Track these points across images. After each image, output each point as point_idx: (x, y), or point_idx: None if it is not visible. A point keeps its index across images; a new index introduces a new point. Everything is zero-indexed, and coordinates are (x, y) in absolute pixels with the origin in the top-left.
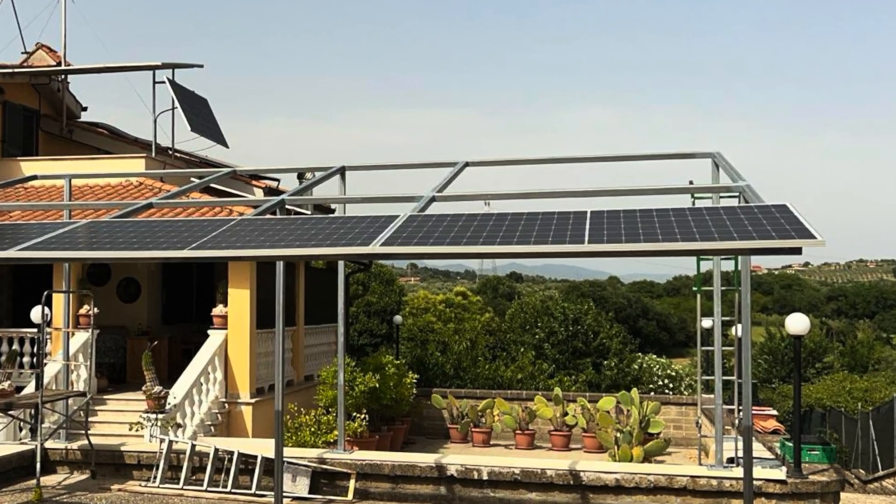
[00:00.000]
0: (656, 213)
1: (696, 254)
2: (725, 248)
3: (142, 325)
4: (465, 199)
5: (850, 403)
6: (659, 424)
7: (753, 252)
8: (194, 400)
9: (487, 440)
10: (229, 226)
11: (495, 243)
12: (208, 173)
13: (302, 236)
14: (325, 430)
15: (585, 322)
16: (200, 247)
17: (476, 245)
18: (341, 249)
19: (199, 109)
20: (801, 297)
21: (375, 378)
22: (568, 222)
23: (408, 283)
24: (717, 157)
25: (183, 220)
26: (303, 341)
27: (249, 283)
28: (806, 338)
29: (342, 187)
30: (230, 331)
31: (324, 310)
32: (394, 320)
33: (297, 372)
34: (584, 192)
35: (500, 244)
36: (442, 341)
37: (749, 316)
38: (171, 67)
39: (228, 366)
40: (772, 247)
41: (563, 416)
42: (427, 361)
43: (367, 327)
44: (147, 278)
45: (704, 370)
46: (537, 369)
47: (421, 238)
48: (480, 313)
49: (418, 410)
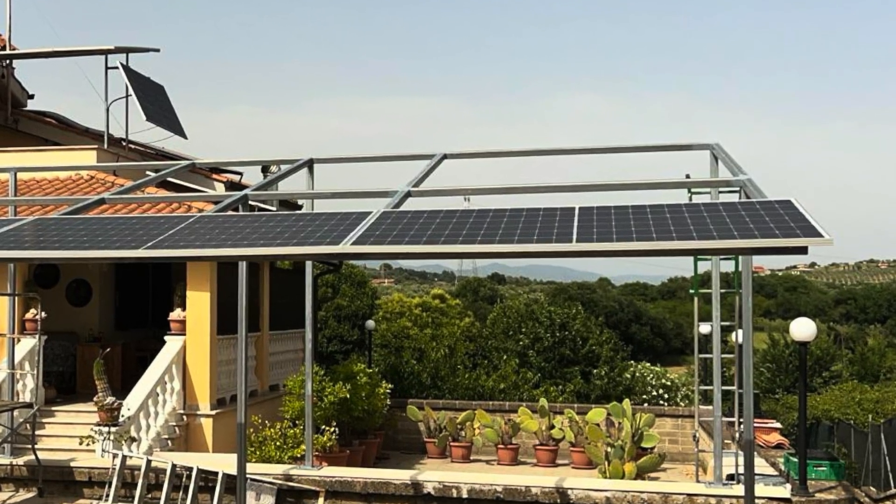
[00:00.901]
0: (650, 209)
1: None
2: (725, 247)
3: (93, 330)
4: (443, 194)
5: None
6: (653, 438)
7: (755, 251)
8: (150, 412)
9: (467, 455)
10: (188, 223)
11: (476, 242)
12: (165, 166)
13: (266, 234)
14: (291, 445)
15: (573, 327)
16: (156, 246)
17: (455, 244)
18: (309, 249)
19: (155, 97)
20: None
21: (346, 388)
22: (554, 219)
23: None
24: (715, 148)
25: (138, 216)
26: (267, 348)
27: (209, 286)
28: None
29: (310, 181)
30: (189, 337)
31: (290, 314)
32: (366, 325)
33: (262, 381)
34: (572, 187)
35: (480, 243)
36: (418, 348)
37: (750, 321)
38: (124, 52)
39: (187, 375)
40: (775, 246)
41: (550, 430)
42: (402, 370)
43: (337, 333)
44: (99, 280)
45: (702, 379)
46: (521, 378)
47: (395, 236)
48: (460, 318)
49: (392, 423)
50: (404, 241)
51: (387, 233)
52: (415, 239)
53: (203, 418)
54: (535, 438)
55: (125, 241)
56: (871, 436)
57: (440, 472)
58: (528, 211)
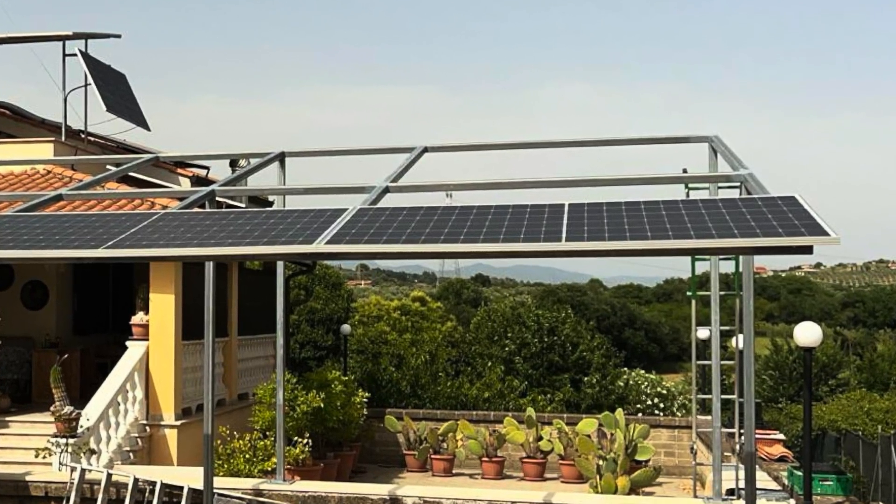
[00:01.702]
0: (645, 205)
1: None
2: (724, 246)
3: (50, 335)
4: (423, 189)
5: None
6: (648, 450)
7: (757, 251)
8: (110, 422)
9: (449, 468)
10: (151, 221)
11: (458, 241)
12: (127, 160)
13: (235, 233)
14: (261, 458)
15: (563, 332)
16: (117, 245)
17: (436, 243)
18: (281, 248)
19: (116, 86)
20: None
21: (320, 397)
22: (543, 217)
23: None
24: (714, 141)
25: (97, 214)
26: (236, 354)
27: (174, 288)
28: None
29: (282, 176)
30: (152, 342)
31: (260, 318)
32: (341, 330)
33: (230, 390)
34: (561, 182)
35: (463, 242)
36: (397, 354)
37: (752, 325)
38: (83, 38)
39: (150, 383)
40: (778, 245)
41: (537, 441)
42: (380, 378)
43: (311, 338)
44: (56, 282)
45: (700, 388)
46: (507, 387)
47: (372, 235)
48: (441, 322)
49: (369, 434)
50: (382, 240)
51: (363, 231)
52: (393, 238)
53: (167, 429)
54: (522, 451)
55: (84, 240)
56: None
57: (420, 487)
58: (514, 208)
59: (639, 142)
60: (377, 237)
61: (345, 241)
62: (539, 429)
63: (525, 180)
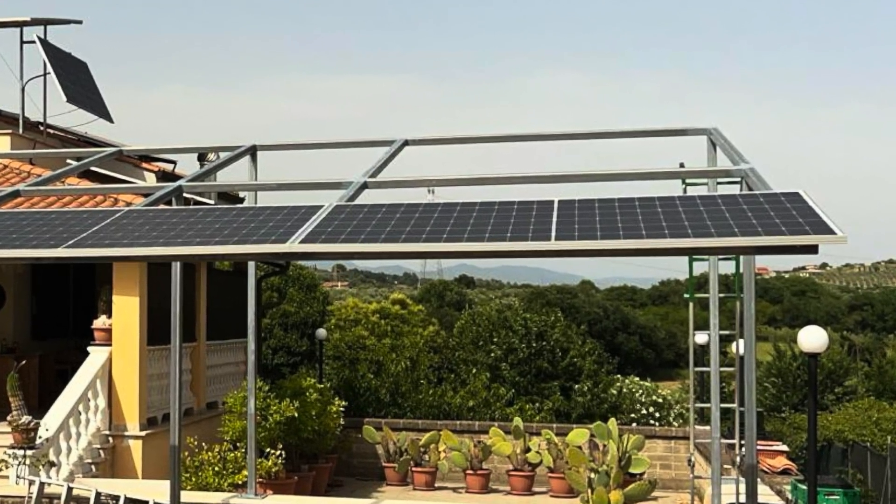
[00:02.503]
0: (639, 202)
1: (688, 253)
2: (724, 245)
3: (7, 340)
4: (404, 185)
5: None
6: (642, 463)
7: (759, 251)
8: (71, 433)
9: (431, 482)
10: (114, 218)
11: (441, 240)
12: (89, 154)
13: (203, 231)
14: (231, 470)
15: (552, 337)
16: (78, 244)
17: (418, 242)
18: (252, 248)
19: (77, 75)
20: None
21: (294, 406)
22: (531, 214)
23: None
24: (713, 133)
25: (57, 211)
26: (205, 360)
27: (139, 290)
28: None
29: (253, 171)
30: (115, 348)
31: (231, 322)
32: (316, 335)
33: (198, 398)
34: (550, 177)
35: (446, 241)
36: (376, 360)
37: (753, 329)
38: (42, 24)
39: (113, 391)
40: (781, 244)
41: (525, 453)
42: (357, 385)
43: (284, 343)
44: (13, 283)
45: (698, 396)
46: (493, 395)
47: (350, 234)
48: (423, 326)
49: (346, 445)
50: (360, 239)
51: (340, 229)
52: (372, 236)
53: (131, 440)
54: (509, 463)
55: (43, 239)
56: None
57: (401, 502)
58: (500, 204)
59: (633, 134)
60: (355, 236)
61: (320, 240)
62: (527, 440)
63: (512, 175)
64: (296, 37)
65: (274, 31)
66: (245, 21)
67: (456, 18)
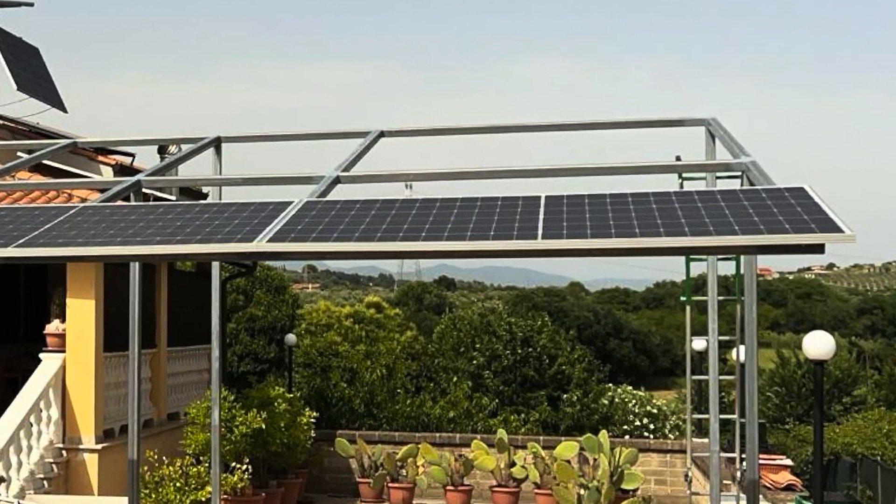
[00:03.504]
0: (633, 198)
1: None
2: (724, 244)
3: None
4: (379, 179)
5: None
6: (636, 478)
7: (761, 250)
8: (21, 446)
9: (409, 498)
10: (68, 215)
11: (419, 238)
12: (41, 146)
13: (164, 229)
14: (194, 486)
15: (539, 343)
16: (29, 243)
17: (394, 241)
18: (216, 247)
19: (28, 62)
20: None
21: (261, 417)
22: (516, 211)
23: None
24: (712, 124)
25: (6, 207)
26: (165, 368)
27: (95, 292)
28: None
29: (217, 164)
30: (69, 354)
31: (193, 327)
32: (286, 340)
33: (158, 409)
34: (537, 171)
35: (425, 240)
36: (349, 368)
37: (755, 335)
38: None
39: (67, 401)
40: (785, 243)
41: (510, 467)
42: (330, 395)
43: (251, 350)
44: None
45: (696, 406)
46: (475, 405)
47: (321, 232)
48: (400, 331)
49: (318, 459)
50: (332, 238)
51: (311, 227)
52: (345, 235)
53: (87, 454)
54: (492, 478)
55: None
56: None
57: None
58: (483, 200)
59: (626, 125)
60: (327, 234)
61: (289, 239)
62: (512, 453)
63: (496, 169)
64: (262, 20)
65: (238, 15)
66: (208, 3)
67: (435, 1)
